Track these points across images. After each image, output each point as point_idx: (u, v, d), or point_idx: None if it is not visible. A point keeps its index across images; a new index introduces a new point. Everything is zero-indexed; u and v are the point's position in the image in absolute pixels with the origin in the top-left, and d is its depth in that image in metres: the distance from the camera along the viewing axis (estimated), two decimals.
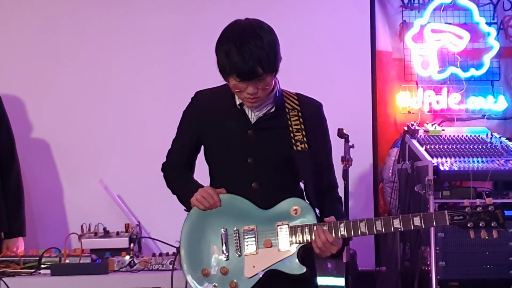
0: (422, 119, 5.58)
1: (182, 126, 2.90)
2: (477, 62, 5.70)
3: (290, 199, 2.68)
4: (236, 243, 2.66)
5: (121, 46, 5.41)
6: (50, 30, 5.36)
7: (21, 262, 3.76)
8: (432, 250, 4.67)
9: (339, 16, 5.56)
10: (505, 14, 5.79)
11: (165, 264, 3.79)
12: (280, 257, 2.62)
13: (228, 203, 2.72)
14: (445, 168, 4.75)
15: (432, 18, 5.69)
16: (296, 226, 2.63)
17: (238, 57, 2.56)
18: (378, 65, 5.66)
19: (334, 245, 2.61)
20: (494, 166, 4.82)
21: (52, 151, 5.29)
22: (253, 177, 2.73)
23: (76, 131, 5.31)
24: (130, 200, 5.26)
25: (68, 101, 5.33)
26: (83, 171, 5.27)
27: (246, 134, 2.74)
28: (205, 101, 2.84)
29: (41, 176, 5.25)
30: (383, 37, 5.71)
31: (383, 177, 5.56)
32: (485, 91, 5.70)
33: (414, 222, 2.57)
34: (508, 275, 4.68)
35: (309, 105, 2.82)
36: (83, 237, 4.15)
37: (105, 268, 3.69)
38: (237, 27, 2.64)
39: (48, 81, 5.33)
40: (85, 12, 5.40)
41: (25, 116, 5.28)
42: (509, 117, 5.74)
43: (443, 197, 4.74)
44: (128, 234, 4.26)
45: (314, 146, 2.75)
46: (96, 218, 4.55)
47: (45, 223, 5.21)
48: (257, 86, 2.63)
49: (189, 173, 2.90)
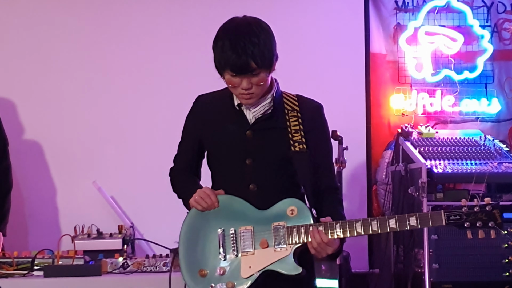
0: (415, 121, 5.59)
1: (185, 131, 2.91)
2: (470, 64, 5.71)
3: (287, 199, 2.67)
4: (233, 244, 2.66)
5: (115, 46, 5.40)
6: (41, 31, 5.34)
7: (14, 263, 3.76)
8: (425, 252, 4.67)
9: (334, 19, 5.56)
10: (499, 17, 5.80)
11: (159, 266, 3.79)
12: (276, 258, 2.61)
13: (226, 203, 2.71)
14: (438, 171, 4.76)
15: (426, 20, 5.70)
16: (292, 226, 2.62)
17: (232, 51, 2.57)
18: (372, 67, 5.67)
19: (330, 246, 2.60)
20: (487, 168, 4.83)
21: (45, 153, 5.27)
22: (250, 178, 2.73)
23: (69, 132, 5.29)
24: (124, 201, 5.25)
25: (61, 102, 5.32)
26: (77, 173, 5.26)
27: (245, 135, 2.74)
28: (205, 104, 2.85)
29: (34, 177, 5.23)
30: (377, 40, 5.72)
31: (377, 179, 5.56)
32: (479, 94, 5.71)
33: (410, 222, 2.56)
34: (501, 277, 4.68)
35: (308, 106, 2.82)
36: (76, 239, 4.15)
37: (99, 270, 3.69)
38: (233, 24, 2.66)
39: (40, 81, 5.31)
40: (76, 12, 5.38)
41: (18, 117, 5.26)
42: (503, 120, 5.76)
43: (437, 200, 4.75)
44: (121, 235, 4.27)
45: (313, 147, 2.75)
46: (89, 220, 4.55)
47: (38, 225, 5.19)
48: (251, 81, 2.63)
49: (193, 176, 2.90)
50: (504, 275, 4.68)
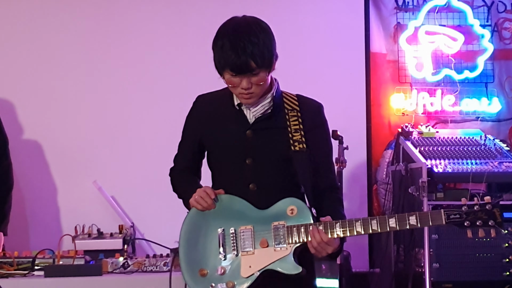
0: (416, 121, 5.59)
1: (185, 131, 2.91)
2: (471, 64, 5.71)
3: (286, 199, 2.67)
4: (233, 243, 2.66)
5: (114, 46, 5.39)
6: (40, 31, 5.33)
7: (15, 263, 3.76)
8: (425, 252, 4.67)
9: (334, 18, 5.56)
10: (499, 16, 5.80)
11: (159, 266, 3.79)
12: (276, 257, 2.61)
13: (226, 203, 2.71)
14: (439, 170, 4.76)
15: (426, 20, 5.70)
16: (292, 226, 2.62)
17: (232, 51, 2.58)
18: (373, 67, 5.66)
19: (330, 245, 2.60)
20: (488, 168, 4.83)
21: (46, 152, 5.27)
22: (250, 178, 2.73)
23: (69, 132, 5.29)
24: (124, 201, 5.24)
25: (61, 101, 5.31)
26: (77, 172, 5.25)
27: (245, 135, 2.74)
28: (205, 104, 2.86)
29: (35, 177, 5.23)
30: (377, 39, 5.72)
31: (377, 178, 5.56)
32: (479, 93, 5.71)
33: (409, 221, 2.56)
34: (502, 277, 4.68)
35: (308, 106, 2.82)
36: (77, 239, 4.16)
37: (99, 270, 3.69)
38: (233, 23, 2.66)
39: (40, 81, 5.30)
40: (75, 11, 5.38)
41: (18, 117, 5.26)
42: (503, 119, 5.76)
43: (437, 199, 4.75)
44: (122, 235, 4.27)
45: (314, 146, 2.75)
46: (90, 220, 4.55)
47: (38, 225, 5.19)
48: (251, 81, 2.63)
49: (193, 176, 2.90)
50: (505, 274, 4.68)
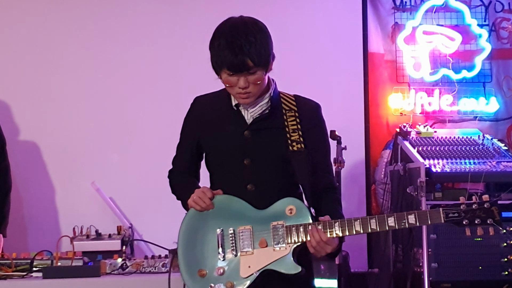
0: (414, 121, 5.59)
1: (183, 132, 2.91)
2: (468, 63, 5.72)
3: (285, 198, 2.67)
4: (232, 244, 2.66)
5: (113, 47, 5.39)
6: (37, 32, 5.34)
7: (13, 265, 3.75)
8: (424, 251, 4.67)
9: (331, 18, 5.57)
10: (496, 16, 5.81)
11: (158, 267, 3.79)
12: (275, 257, 2.61)
13: (225, 203, 2.71)
14: (437, 170, 4.76)
15: (424, 20, 5.71)
16: (291, 225, 2.62)
17: (228, 50, 2.58)
18: (370, 67, 5.67)
19: (329, 245, 2.59)
20: (486, 167, 4.83)
21: (44, 153, 5.27)
22: (248, 179, 2.73)
23: (67, 133, 5.29)
24: (122, 202, 5.24)
25: (59, 103, 5.31)
26: (75, 173, 5.25)
27: (243, 135, 2.74)
28: (202, 105, 2.85)
29: (32, 178, 5.23)
30: (375, 39, 5.73)
31: (376, 178, 5.56)
32: (477, 93, 5.71)
33: (408, 220, 2.56)
34: (500, 276, 4.68)
35: (306, 106, 2.82)
36: (75, 240, 4.15)
37: (97, 271, 3.69)
38: (229, 23, 2.66)
39: (37, 82, 5.30)
40: (74, 13, 5.38)
41: (16, 118, 5.25)
42: (501, 119, 5.76)
43: (435, 199, 4.75)
44: (120, 236, 4.27)
45: (311, 146, 2.75)
46: (88, 221, 4.55)
47: (36, 226, 5.18)
48: (248, 80, 2.63)
49: (192, 178, 2.89)
50: (503, 274, 4.68)
